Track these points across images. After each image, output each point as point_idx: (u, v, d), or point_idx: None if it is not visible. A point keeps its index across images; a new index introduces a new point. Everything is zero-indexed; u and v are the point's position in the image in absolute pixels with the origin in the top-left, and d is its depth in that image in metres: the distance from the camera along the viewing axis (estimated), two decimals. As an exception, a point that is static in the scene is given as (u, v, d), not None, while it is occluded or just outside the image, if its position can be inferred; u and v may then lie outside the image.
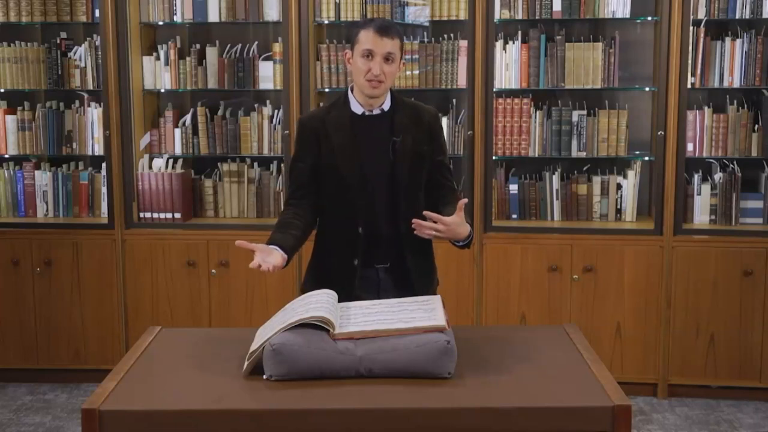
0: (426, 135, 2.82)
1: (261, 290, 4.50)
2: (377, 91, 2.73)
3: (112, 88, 4.47)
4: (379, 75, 2.69)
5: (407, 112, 2.82)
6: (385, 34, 2.69)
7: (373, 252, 2.78)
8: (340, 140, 2.76)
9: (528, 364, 2.40)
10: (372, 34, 2.69)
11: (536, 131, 4.46)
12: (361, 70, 2.71)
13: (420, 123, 2.82)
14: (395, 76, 2.77)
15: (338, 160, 2.75)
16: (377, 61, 2.69)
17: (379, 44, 2.68)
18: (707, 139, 4.39)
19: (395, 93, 2.85)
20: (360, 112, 2.78)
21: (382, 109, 2.79)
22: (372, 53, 2.69)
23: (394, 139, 2.76)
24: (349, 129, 2.77)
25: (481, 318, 4.44)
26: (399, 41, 2.73)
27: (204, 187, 4.70)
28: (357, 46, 2.72)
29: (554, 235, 4.38)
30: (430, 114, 2.87)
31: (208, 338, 2.71)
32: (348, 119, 2.78)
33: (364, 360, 2.26)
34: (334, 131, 2.77)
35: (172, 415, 2.12)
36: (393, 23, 2.82)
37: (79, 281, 4.57)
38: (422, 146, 2.80)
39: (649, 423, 4.14)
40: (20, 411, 4.33)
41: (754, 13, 4.28)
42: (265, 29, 4.64)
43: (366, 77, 2.70)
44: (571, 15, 4.36)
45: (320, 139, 2.77)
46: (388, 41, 2.69)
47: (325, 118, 2.80)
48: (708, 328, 4.34)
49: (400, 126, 2.78)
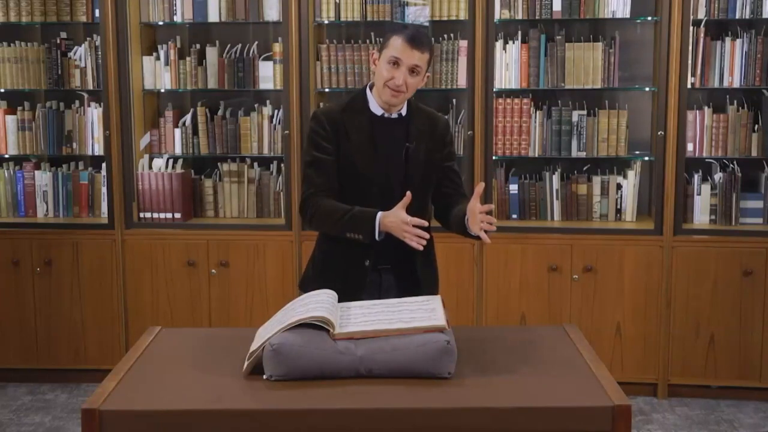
0: (439, 144, 2.82)
1: (261, 290, 4.50)
2: (395, 100, 2.71)
3: (112, 88, 4.47)
4: (401, 86, 2.66)
5: (423, 120, 2.81)
6: (416, 47, 2.65)
7: (382, 255, 2.74)
8: (359, 140, 2.73)
9: (528, 364, 2.40)
10: (402, 42, 2.65)
11: (536, 131, 4.46)
12: (385, 76, 2.68)
13: (434, 132, 2.81)
14: (417, 88, 2.74)
15: (357, 160, 2.72)
16: (402, 71, 2.66)
17: (407, 55, 2.65)
18: (707, 139, 4.39)
19: (412, 100, 2.82)
20: (379, 113, 2.77)
21: (399, 114, 2.78)
22: (399, 62, 2.66)
23: (408, 145, 2.75)
24: (368, 130, 2.74)
25: (481, 318, 4.44)
26: (428, 55, 2.70)
27: (204, 187, 4.70)
28: (386, 50, 2.69)
29: (554, 235, 4.38)
30: (443, 123, 2.87)
31: (208, 338, 2.71)
32: (367, 120, 2.75)
33: (364, 360, 2.26)
34: (353, 130, 2.74)
35: (172, 415, 2.12)
36: (426, 35, 2.76)
37: (79, 281, 4.57)
38: (434, 154, 2.80)
39: (649, 423, 4.14)
40: (20, 411, 4.33)
41: (754, 13, 4.29)
42: (265, 29, 4.64)
43: (388, 84, 2.68)
44: (571, 15, 4.37)
45: (340, 136, 2.74)
46: (417, 53, 2.65)
47: (344, 116, 2.76)
48: (708, 328, 4.34)
49: (415, 133, 2.77)
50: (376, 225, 2.62)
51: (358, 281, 2.74)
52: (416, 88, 2.73)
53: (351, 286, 2.69)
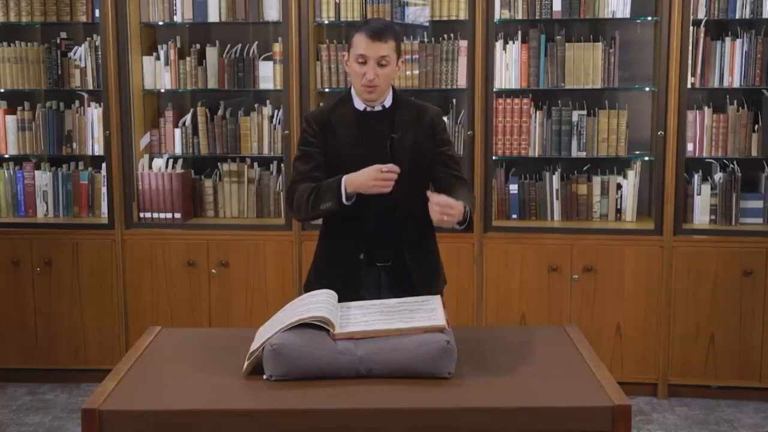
0: (428, 132, 2.83)
1: (261, 290, 4.50)
2: (373, 95, 2.76)
3: (112, 88, 4.47)
4: (373, 80, 2.71)
5: (409, 111, 2.84)
6: (378, 38, 2.69)
7: (376, 248, 2.79)
8: (345, 135, 2.78)
9: (528, 364, 2.40)
10: (364, 38, 2.70)
11: (536, 131, 4.46)
12: (357, 74, 2.73)
13: (421, 121, 2.83)
14: (392, 77, 2.78)
15: (343, 155, 2.76)
16: (371, 66, 2.71)
17: (371, 49, 2.69)
18: (707, 139, 4.39)
19: (398, 91, 2.87)
20: (362, 108, 2.81)
21: (383, 106, 2.82)
22: (365, 58, 2.70)
23: (393, 136, 2.78)
24: (353, 124, 2.79)
25: (481, 318, 4.44)
26: (394, 42, 2.73)
27: (204, 187, 4.70)
28: (352, 50, 2.75)
29: (554, 235, 4.38)
30: (433, 112, 2.88)
31: (208, 338, 2.71)
32: (352, 115, 2.80)
33: (364, 360, 2.26)
34: (339, 126, 2.79)
35: (172, 415, 2.12)
36: (388, 25, 2.81)
37: (79, 281, 4.57)
38: (423, 144, 2.81)
39: (649, 423, 4.14)
40: (20, 411, 4.33)
41: (754, 13, 4.28)
42: (265, 29, 4.64)
43: (362, 83, 2.73)
44: (571, 15, 4.36)
45: (326, 133, 2.80)
46: (381, 45, 2.69)
47: (331, 114, 2.82)
48: (708, 328, 4.33)
49: (400, 123, 2.80)
50: (342, 186, 2.65)
51: (355, 277, 2.77)
52: (391, 78, 2.78)
53: (348, 283, 2.72)
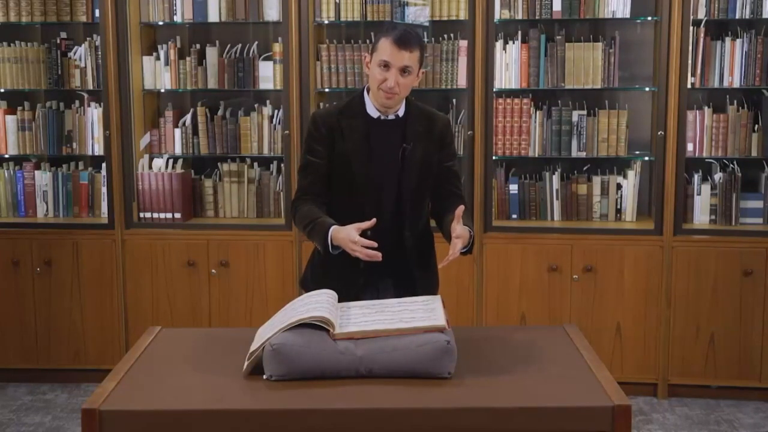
0: (437, 144, 2.81)
1: (261, 290, 4.50)
2: (390, 102, 2.71)
3: (112, 88, 4.47)
4: (393, 87, 2.66)
5: (420, 120, 2.80)
6: (404, 47, 2.65)
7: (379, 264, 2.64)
8: (355, 142, 2.74)
9: (528, 364, 2.40)
10: (390, 44, 2.65)
11: (536, 131, 4.46)
12: (377, 79, 2.68)
13: (432, 132, 2.80)
14: (411, 87, 2.74)
15: (351, 162, 2.73)
16: (393, 73, 2.66)
17: (396, 56, 2.65)
18: (707, 139, 4.39)
19: (410, 98, 2.82)
20: (376, 115, 2.77)
21: (396, 115, 2.78)
22: (389, 64, 2.66)
23: (405, 146, 2.75)
24: (364, 132, 2.75)
25: (481, 318, 4.44)
26: (419, 52, 2.69)
27: (204, 187, 4.70)
28: (375, 54, 2.70)
29: (554, 235, 4.38)
30: (442, 122, 2.86)
31: (208, 338, 2.71)
32: (364, 122, 2.76)
33: (364, 360, 2.26)
34: (349, 132, 2.75)
35: (172, 415, 2.12)
36: (414, 33, 2.76)
37: (79, 281, 4.57)
38: (432, 156, 2.79)
39: (649, 423, 4.14)
40: (20, 411, 4.33)
41: (754, 13, 4.28)
42: (265, 29, 4.64)
43: (380, 87, 2.68)
44: (571, 15, 4.36)
45: (335, 138, 2.76)
46: (406, 54, 2.65)
47: (341, 118, 2.77)
48: (708, 328, 4.34)
49: (412, 134, 2.77)
50: (328, 239, 2.64)
51: (355, 282, 2.75)
52: (411, 87, 2.74)
53: (348, 287, 2.69)
